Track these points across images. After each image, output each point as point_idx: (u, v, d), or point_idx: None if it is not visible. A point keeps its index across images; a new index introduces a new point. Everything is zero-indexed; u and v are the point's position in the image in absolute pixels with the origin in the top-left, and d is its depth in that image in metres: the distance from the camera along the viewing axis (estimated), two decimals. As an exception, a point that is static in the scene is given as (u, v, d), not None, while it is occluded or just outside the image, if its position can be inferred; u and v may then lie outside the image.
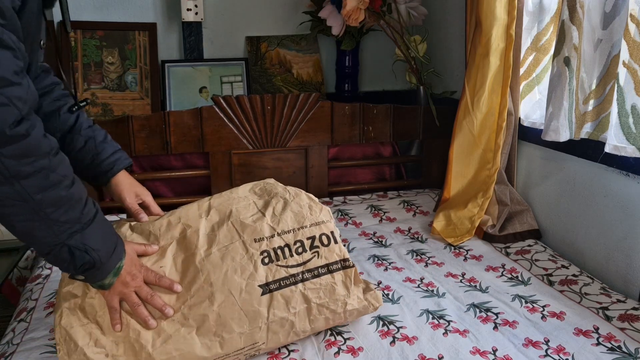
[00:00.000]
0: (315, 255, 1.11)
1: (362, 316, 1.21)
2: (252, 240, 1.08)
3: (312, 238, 1.12)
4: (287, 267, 1.08)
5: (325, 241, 1.13)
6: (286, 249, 1.10)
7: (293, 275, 1.08)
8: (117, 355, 0.98)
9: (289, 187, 1.21)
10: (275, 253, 1.08)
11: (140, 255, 1.04)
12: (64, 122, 1.11)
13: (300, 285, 1.08)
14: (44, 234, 0.85)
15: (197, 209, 1.12)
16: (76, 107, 1.13)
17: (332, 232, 1.15)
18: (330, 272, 1.11)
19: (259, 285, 1.04)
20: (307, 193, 1.20)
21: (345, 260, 1.14)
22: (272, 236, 1.10)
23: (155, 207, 1.18)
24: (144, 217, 1.13)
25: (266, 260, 1.07)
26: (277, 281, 1.06)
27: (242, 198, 1.15)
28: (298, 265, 1.09)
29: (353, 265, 1.15)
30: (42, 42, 0.97)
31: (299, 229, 1.12)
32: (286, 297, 1.06)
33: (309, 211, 1.16)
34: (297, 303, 1.07)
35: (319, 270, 1.10)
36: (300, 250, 1.11)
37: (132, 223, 1.11)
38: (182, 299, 1.02)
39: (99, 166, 1.13)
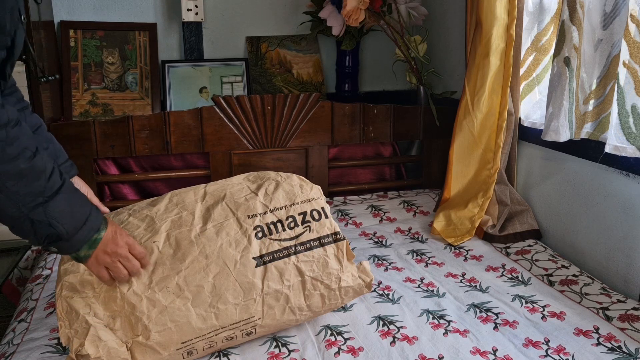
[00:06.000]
0: (307, 230, 1.14)
1: (358, 296, 1.22)
2: (245, 216, 1.11)
3: (304, 214, 1.15)
4: (280, 240, 1.11)
5: (316, 216, 1.16)
6: (279, 224, 1.12)
7: (286, 248, 1.11)
8: (115, 330, 0.99)
9: (281, 173, 1.23)
10: (268, 228, 1.11)
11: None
12: (30, 123, 1.11)
13: (293, 257, 1.10)
14: (6, 206, 0.85)
15: (193, 195, 1.14)
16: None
17: (322, 208, 1.18)
18: (322, 245, 1.14)
19: (253, 258, 1.07)
20: (299, 175, 1.23)
21: (336, 233, 1.16)
22: (265, 213, 1.13)
23: (101, 207, 1.16)
24: None
25: (259, 234, 1.10)
26: (271, 254, 1.09)
27: (236, 184, 1.19)
28: (291, 239, 1.12)
29: (344, 238, 1.17)
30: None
31: (290, 206, 1.15)
32: (280, 269, 1.09)
33: (300, 189, 1.19)
34: (290, 276, 1.09)
35: (311, 243, 1.13)
36: (292, 225, 1.13)
37: (131, 210, 1.12)
38: (176, 269, 1.03)
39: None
